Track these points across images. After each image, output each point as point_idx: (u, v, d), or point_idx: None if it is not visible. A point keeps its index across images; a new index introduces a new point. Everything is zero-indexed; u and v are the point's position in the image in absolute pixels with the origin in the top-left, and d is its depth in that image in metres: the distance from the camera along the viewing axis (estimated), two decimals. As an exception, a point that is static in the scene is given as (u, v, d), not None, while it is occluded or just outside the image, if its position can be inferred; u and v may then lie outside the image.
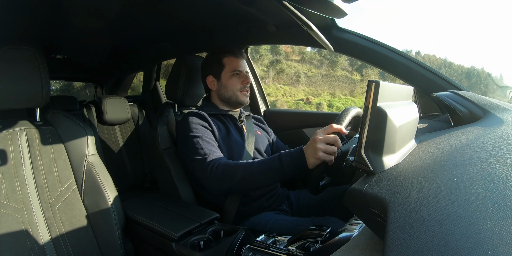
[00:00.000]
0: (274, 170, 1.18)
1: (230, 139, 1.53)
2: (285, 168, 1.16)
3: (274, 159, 1.20)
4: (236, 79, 1.60)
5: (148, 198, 1.59)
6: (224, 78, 1.61)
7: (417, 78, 1.52)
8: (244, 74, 1.62)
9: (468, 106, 1.17)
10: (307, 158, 1.12)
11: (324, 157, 1.08)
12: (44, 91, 1.29)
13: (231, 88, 1.60)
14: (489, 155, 0.59)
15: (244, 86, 1.61)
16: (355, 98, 23.62)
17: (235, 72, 1.60)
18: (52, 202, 1.27)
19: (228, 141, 1.52)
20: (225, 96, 1.62)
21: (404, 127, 0.77)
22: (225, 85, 1.61)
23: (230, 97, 1.61)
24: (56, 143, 1.34)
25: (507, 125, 0.84)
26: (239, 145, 1.54)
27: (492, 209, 0.40)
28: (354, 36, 1.60)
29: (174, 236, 1.20)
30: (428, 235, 0.40)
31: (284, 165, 1.16)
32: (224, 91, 1.61)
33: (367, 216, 0.63)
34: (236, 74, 1.60)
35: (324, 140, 1.08)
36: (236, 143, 1.53)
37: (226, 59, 1.61)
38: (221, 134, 1.52)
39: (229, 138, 1.53)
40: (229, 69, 1.60)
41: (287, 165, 1.16)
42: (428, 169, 0.60)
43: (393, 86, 0.79)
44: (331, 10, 1.13)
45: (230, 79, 1.60)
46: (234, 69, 1.60)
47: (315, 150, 1.08)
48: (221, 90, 1.62)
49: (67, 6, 1.39)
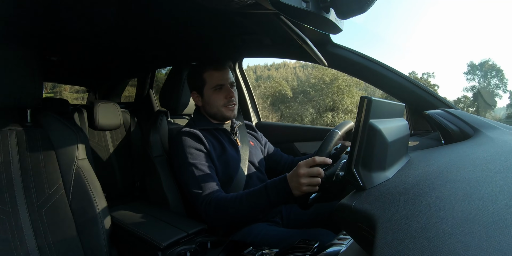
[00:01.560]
0: (262, 203, 1.23)
1: (225, 156, 1.52)
2: (272, 200, 1.21)
3: (261, 192, 1.23)
4: (219, 94, 1.55)
5: (136, 205, 1.57)
6: (207, 94, 1.56)
7: (409, 95, 1.53)
8: (227, 88, 1.56)
9: (458, 125, 1.19)
10: (291, 188, 1.15)
11: (308, 190, 1.11)
12: (37, 92, 1.28)
13: (214, 105, 1.56)
14: (478, 173, 0.59)
15: (228, 100, 1.55)
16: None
17: (217, 86, 1.55)
18: (39, 204, 1.25)
19: (224, 158, 1.51)
20: (210, 113, 1.59)
21: (395, 143, 0.77)
22: (208, 102, 1.57)
23: (216, 113, 1.58)
24: (46, 146, 1.33)
25: (497, 143, 0.85)
26: (234, 160, 1.53)
27: (480, 227, 0.40)
28: (348, 52, 1.62)
29: (160, 245, 1.19)
30: (416, 251, 0.40)
31: (271, 197, 1.20)
32: (208, 108, 1.58)
33: (355, 231, 0.63)
34: (218, 88, 1.55)
35: (307, 174, 1.10)
36: (231, 159, 1.53)
37: (206, 73, 1.56)
38: (216, 153, 1.51)
39: (225, 154, 1.52)
40: (211, 84, 1.55)
41: (273, 197, 1.20)
42: (417, 186, 0.60)
43: (385, 103, 0.80)
44: (326, 25, 1.14)
45: (213, 94, 1.55)
46: (215, 84, 1.54)
47: (299, 184, 1.11)
48: (206, 106, 1.59)
49: (65, 9, 1.39)
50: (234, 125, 1.68)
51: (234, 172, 1.51)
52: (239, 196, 1.27)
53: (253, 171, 1.61)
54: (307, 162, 1.11)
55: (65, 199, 1.31)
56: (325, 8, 0.99)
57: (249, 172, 1.58)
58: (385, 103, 0.80)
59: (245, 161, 1.57)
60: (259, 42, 1.82)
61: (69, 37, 1.87)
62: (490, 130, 1.05)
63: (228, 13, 1.31)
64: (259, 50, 2.04)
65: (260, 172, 1.65)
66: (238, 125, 1.70)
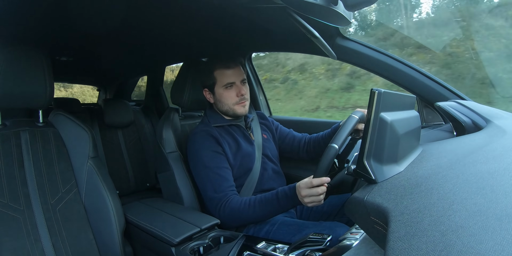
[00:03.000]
0: (275, 210, 1.31)
1: (241, 152, 1.53)
2: (283, 207, 1.29)
3: (273, 201, 1.30)
4: (230, 93, 1.54)
5: (149, 202, 1.59)
6: (218, 92, 1.56)
7: (420, 87, 1.51)
8: (238, 85, 1.55)
9: (470, 116, 1.17)
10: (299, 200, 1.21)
11: (313, 205, 1.17)
12: (48, 92, 1.29)
13: (226, 103, 1.55)
14: (491, 165, 0.59)
15: (240, 98, 1.54)
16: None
17: (227, 85, 1.53)
18: (52, 203, 1.27)
19: (239, 154, 1.53)
20: (222, 110, 1.58)
21: (407, 136, 0.77)
22: (220, 100, 1.56)
23: (228, 111, 1.57)
24: (58, 145, 1.34)
25: (510, 135, 0.84)
26: (249, 155, 1.55)
27: (493, 220, 0.40)
28: (357, 45, 1.60)
29: (173, 241, 1.20)
30: (429, 245, 0.40)
31: (282, 205, 1.28)
32: (220, 106, 1.58)
33: (368, 225, 0.63)
34: (229, 86, 1.54)
35: (308, 195, 1.14)
36: (246, 154, 1.54)
37: (216, 72, 1.54)
38: (232, 150, 1.52)
39: (240, 151, 1.53)
40: (221, 82, 1.54)
41: (285, 205, 1.28)
42: (430, 179, 0.60)
43: (396, 95, 0.79)
44: (335, 18, 1.13)
45: (224, 92, 1.54)
46: (226, 82, 1.53)
47: (303, 202, 1.18)
48: (218, 104, 1.59)
49: (74, 9, 1.39)
50: (248, 119, 1.67)
51: (249, 166, 1.53)
52: (252, 203, 1.32)
53: (267, 163, 1.62)
54: (306, 184, 1.14)
55: (78, 197, 1.33)
56: (333, 1, 0.99)
57: (264, 165, 1.59)
58: (396, 95, 0.79)
59: (260, 154, 1.59)
60: (268, 36, 1.81)
61: (79, 36, 1.88)
62: (502, 121, 1.04)
63: (236, 8, 1.30)
64: (268, 44, 2.03)
65: (274, 164, 1.66)
66: (251, 119, 1.70)
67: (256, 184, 1.52)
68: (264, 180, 1.56)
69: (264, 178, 1.57)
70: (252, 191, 1.50)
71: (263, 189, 1.53)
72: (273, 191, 1.31)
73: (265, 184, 1.55)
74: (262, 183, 1.55)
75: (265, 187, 1.54)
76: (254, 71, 2.33)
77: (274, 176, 1.62)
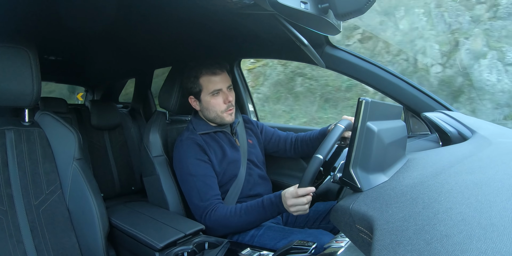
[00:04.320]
0: (260, 218, 1.32)
1: (226, 159, 1.53)
2: (269, 214, 1.30)
3: (258, 208, 1.30)
4: (217, 100, 1.52)
5: (133, 205, 1.57)
6: (205, 100, 1.53)
7: (407, 97, 1.53)
8: (225, 92, 1.53)
9: (456, 127, 1.19)
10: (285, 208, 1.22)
11: (299, 214, 1.19)
12: (35, 91, 1.26)
13: (214, 110, 1.53)
14: (476, 175, 0.59)
15: (228, 105, 1.52)
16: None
17: (214, 92, 1.51)
18: (36, 204, 1.25)
19: (225, 162, 1.52)
20: (209, 117, 1.56)
21: (393, 145, 0.78)
22: (207, 107, 1.54)
23: (215, 118, 1.55)
24: (44, 145, 1.32)
25: (495, 145, 0.85)
26: (235, 161, 1.55)
27: (478, 229, 0.41)
28: (346, 54, 1.61)
29: (157, 246, 1.19)
30: (414, 254, 0.41)
31: (268, 213, 1.29)
32: (207, 113, 1.56)
33: (353, 233, 0.63)
34: (216, 93, 1.51)
35: (294, 204, 1.15)
36: (232, 160, 1.54)
37: (202, 79, 1.51)
38: (218, 158, 1.51)
39: (225, 158, 1.53)
40: (208, 90, 1.51)
41: (270, 213, 1.29)
42: (415, 188, 0.60)
43: (383, 105, 0.80)
44: (324, 27, 1.14)
45: (211, 100, 1.52)
46: (213, 89, 1.50)
47: (289, 211, 1.19)
48: (204, 111, 1.56)
49: (64, 8, 1.38)
50: (233, 125, 1.67)
51: (235, 172, 1.53)
52: (238, 210, 1.33)
53: (253, 169, 1.62)
54: (291, 194, 1.15)
55: (62, 199, 1.31)
56: (324, 10, 1.00)
57: (249, 170, 1.59)
58: (383, 105, 0.80)
59: (245, 160, 1.59)
60: (257, 42, 1.81)
61: (68, 36, 1.86)
62: (488, 132, 1.06)
63: (226, 14, 1.30)
64: (257, 51, 2.04)
65: (259, 169, 1.66)
66: (237, 123, 1.69)
67: (242, 190, 1.52)
68: (250, 186, 1.56)
69: (250, 184, 1.56)
70: (237, 197, 1.50)
71: (249, 194, 1.54)
72: (259, 199, 1.32)
73: (251, 190, 1.55)
74: (248, 188, 1.55)
75: (251, 193, 1.55)
76: (242, 77, 2.33)
77: (260, 181, 1.62)
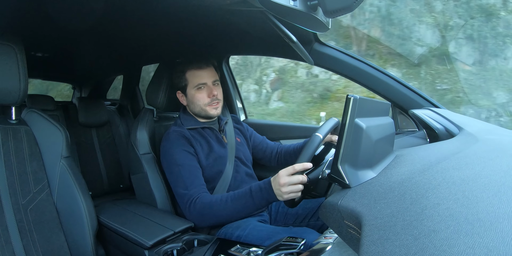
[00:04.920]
0: (248, 206, 1.27)
1: (213, 154, 1.53)
2: (257, 203, 1.24)
3: (245, 195, 1.26)
4: (202, 94, 1.56)
5: (122, 203, 1.56)
6: (190, 93, 1.58)
7: (395, 94, 1.55)
8: (209, 86, 1.57)
9: (444, 123, 1.20)
10: (275, 194, 1.17)
11: (291, 197, 1.13)
12: (22, 88, 1.24)
13: (198, 104, 1.57)
14: (463, 171, 0.60)
15: (212, 99, 1.56)
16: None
17: (199, 86, 1.56)
18: (24, 204, 1.23)
19: (211, 157, 1.53)
20: (195, 112, 1.60)
21: (381, 142, 0.78)
22: (192, 101, 1.58)
23: (200, 112, 1.58)
24: (31, 143, 1.30)
25: (481, 142, 0.86)
26: (221, 157, 1.56)
27: (465, 224, 0.41)
28: (335, 51, 1.62)
29: (147, 244, 1.19)
30: (402, 249, 0.41)
31: (256, 201, 1.24)
32: (192, 107, 1.60)
33: (341, 229, 0.63)
34: (201, 87, 1.56)
35: (288, 183, 1.11)
36: (218, 156, 1.54)
37: (188, 73, 1.57)
38: (204, 152, 1.52)
39: (212, 153, 1.54)
40: (193, 84, 1.56)
41: (259, 201, 1.23)
42: (403, 184, 0.61)
43: (371, 102, 0.80)
44: (313, 24, 1.15)
45: (196, 94, 1.56)
46: (197, 83, 1.55)
47: (281, 192, 1.13)
48: (190, 105, 1.60)
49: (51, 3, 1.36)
50: (221, 122, 1.68)
51: (221, 169, 1.53)
52: (224, 198, 1.30)
53: (240, 166, 1.62)
54: (287, 171, 1.12)
55: (50, 198, 1.29)
56: (313, 7, 1.00)
57: (236, 168, 1.60)
58: (371, 102, 0.81)
59: (232, 157, 1.59)
60: (246, 39, 1.81)
61: (55, 32, 1.83)
62: (474, 129, 1.07)
63: (215, 10, 1.30)
64: (245, 48, 2.04)
65: (247, 167, 1.67)
66: (225, 122, 1.71)
67: (229, 187, 1.52)
68: (237, 183, 1.57)
69: (237, 181, 1.57)
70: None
71: None
72: (247, 186, 1.29)
73: (238, 187, 1.55)
74: (235, 186, 1.55)
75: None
76: (231, 73, 2.32)
77: (247, 179, 1.63)
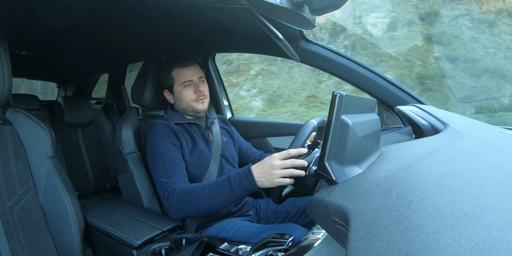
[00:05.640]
0: (226, 194, 1.20)
1: (197, 151, 1.52)
2: (236, 191, 1.18)
3: (223, 183, 1.21)
4: (188, 90, 1.57)
5: (109, 203, 1.55)
6: (177, 91, 1.59)
7: (381, 91, 1.56)
8: (196, 83, 1.59)
9: (429, 120, 1.22)
10: (258, 180, 1.13)
11: (281, 183, 1.09)
12: (6, 88, 1.22)
13: (185, 101, 1.58)
14: (448, 166, 0.61)
15: (199, 95, 1.57)
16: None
17: (185, 83, 1.57)
18: (9, 205, 1.21)
19: (195, 153, 1.52)
20: (182, 108, 1.60)
21: (367, 138, 0.79)
22: (179, 98, 1.59)
23: (187, 109, 1.59)
24: (16, 144, 1.28)
25: (466, 138, 0.87)
26: (206, 155, 1.54)
27: (451, 218, 0.41)
28: (321, 48, 1.63)
29: (134, 244, 1.18)
30: (389, 243, 0.41)
31: (234, 188, 1.18)
32: (180, 104, 1.61)
33: (329, 225, 0.64)
34: (187, 84, 1.58)
35: (280, 166, 1.08)
36: (202, 154, 1.53)
37: (174, 71, 1.59)
38: (188, 147, 1.52)
39: (196, 149, 1.53)
40: (179, 81, 1.58)
41: (237, 188, 1.18)
42: (389, 179, 0.61)
43: (357, 98, 0.81)
44: (299, 21, 1.15)
45: (183, 91, 1.57)
46: (184, 80, 1.57)
47: (271, 175, 1.09)
48: (177, 103, 1.61)
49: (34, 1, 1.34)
50: (208, 120, 1.68)
51: (205, 166, 1.52)
52: (202, 185, 1.25)
53: (226, 165, 1.61)
54: (281, 155, 1.10)
55: (36, 199, 1.27)
56: (299, 4, 1.00)
57: (222, 167, 1.58)
58: (357, 99, 0.81)
59: (217, 156, 1.58)
60: (231, 37, 1.81)
61: (39, 31, 1.81)
62: (459, 125, 1.08)
63: (200, 8, 1.29)
64: (231, 45, 2.04)
65: (233, 166, 1.66)
66: (211, 120, 1.71)
67: None
68: None
69: None
70: None
71: None
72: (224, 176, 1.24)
73: None
74: None
75: None
76: (217, 71, 2.32)
77: None
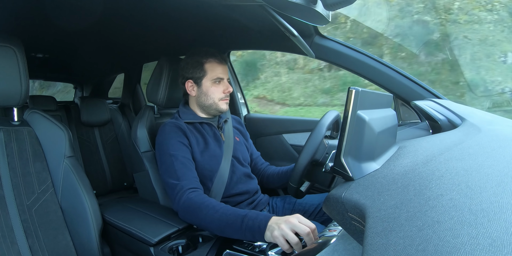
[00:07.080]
0: (232, 228, 1.12)
1: (208, 151, 1.49)
2: (243, 229, 1.09)
3: (237, 218, 1.12)
4: (218, 87, 1.52)
5: (126, 201, 1.57)
6: (205, 85, 1.52)
7: (397, 86, 1.54)
8: (226, 83, 1.54)
9: (446, 114, 1.20)
10: (267, 228, 1.04)
11: (278, 241, 1.00)
12: (23, 90, 1.24)
13: (212, 97, 1.52)
14: (466, 162, 0.60)
15: (226, 95, 1.53)
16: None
17: (217, 79, 1.52)
18: (28, 204, 1.23)
19: (207, 153, 1.48)
20: (205, 104, 1.55)
21: (383, 134, 0.78)
22: (206, 93, 1.53)
23: (211, 105, 1.54)
24: (34, 144, 1.31)
25: (484, 133, 0.86)
26: (217, 155, 1.51)
27: (469, 214, 0.41)
28: (336, 44, 1.61)
29: (152, 241, 1.19)
30: (406, 240, 0.41)
31: (243, 228, 1.09)
32: (204, 99, 1.54)
33: (345, 221, 0.63)
34: (218, 81, 1.52)
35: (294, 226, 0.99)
36: (214, 154, 1.50)
37: (208, 64, 1.51)
38: (199, 147, 1.48)
39: (208, 150, 1.49)
40: (211, 76, 1.51)
41: (245, 228, 1.09)
42: (406, 175, 0.61)
43: (373, 94, 0.80)
44: (313, 17, 1.14)
45: (212, 87, 1.52)
46: (216, 76, 1.51)
47: (279, 227, 1.01)
48: (201, 97, 1.55)
49: (49, 4, 1.36)
50: (220, 119, 1.65)
51: (216, 167, 1.48)
52: (216, 208, 1.18)
53: (237, 166, 1.57)
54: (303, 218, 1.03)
55: (55, 198, 1.30)
56: (312, 0, 0.99)
57: (233, 168, 1.54)
58: (373, 94, 0.80)
59: (229, 156, 1.54)
60: (246, 34, 1.80)
61: (55, 33, 1.84)
62: (477, 119, 1.06)
63: (214, 6, 1.29)
64: (246, 42, 2.03)
65: (245, 167, 1.62)
66: (225, 119, 1.67)
67: (225, 188, 1.47)
68: (233, 184, 1.51)
69: (233, 182, 1.51)
70: (221, 196, 1.45)
71: (232, 193, 1.50)
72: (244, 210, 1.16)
73: (233, 188, 1.50)
74: (231, 186, 1.50)
75: (233, 191, 1.50)
76: (232, 69, 2.32)
77: (244, 179, 1.57)
